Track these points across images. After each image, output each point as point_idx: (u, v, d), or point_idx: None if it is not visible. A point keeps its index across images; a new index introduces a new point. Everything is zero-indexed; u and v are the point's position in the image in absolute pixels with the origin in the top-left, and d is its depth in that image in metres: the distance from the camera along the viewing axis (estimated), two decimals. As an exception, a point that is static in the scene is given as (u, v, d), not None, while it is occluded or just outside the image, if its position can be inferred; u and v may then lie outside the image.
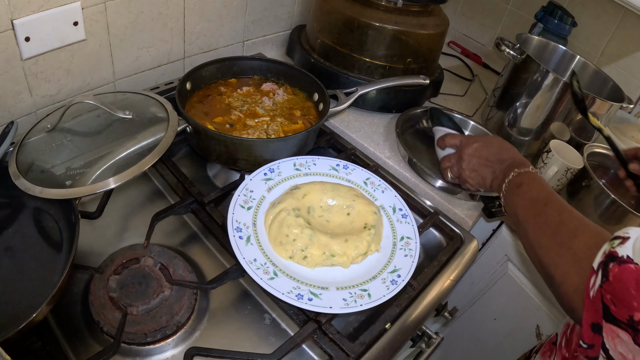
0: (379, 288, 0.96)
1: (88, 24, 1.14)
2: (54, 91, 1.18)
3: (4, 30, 1.00)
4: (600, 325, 0.62)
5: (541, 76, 1.35)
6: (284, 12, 1.68)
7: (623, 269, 0.60)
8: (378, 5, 1.41)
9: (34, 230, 0.98)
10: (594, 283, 0.64)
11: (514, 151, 1.05)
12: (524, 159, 1.01)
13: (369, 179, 1.18)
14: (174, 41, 1.38)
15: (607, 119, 1.38)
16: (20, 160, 0.97)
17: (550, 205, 0.85)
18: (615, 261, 0.62)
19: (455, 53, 2.09)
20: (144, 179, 1.22)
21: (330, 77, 1.48)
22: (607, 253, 0.64)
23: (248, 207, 1.05)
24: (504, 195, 0.97)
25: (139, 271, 0.97)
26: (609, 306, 0.61)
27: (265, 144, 1.16)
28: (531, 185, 0.92)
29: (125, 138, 1.03)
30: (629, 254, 0.61)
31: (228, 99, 1.29)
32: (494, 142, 1.08)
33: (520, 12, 1.95)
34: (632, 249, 0.62)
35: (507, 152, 1.04)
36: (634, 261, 0.60)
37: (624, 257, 0.61)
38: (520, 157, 1.02)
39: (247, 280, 1.05)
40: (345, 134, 1.43)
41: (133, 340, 0.88)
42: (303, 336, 0.90)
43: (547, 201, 0.86)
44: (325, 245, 0.99)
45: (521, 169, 0.95)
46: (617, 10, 1.66)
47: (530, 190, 0.91)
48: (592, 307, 0.64)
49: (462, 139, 1.14)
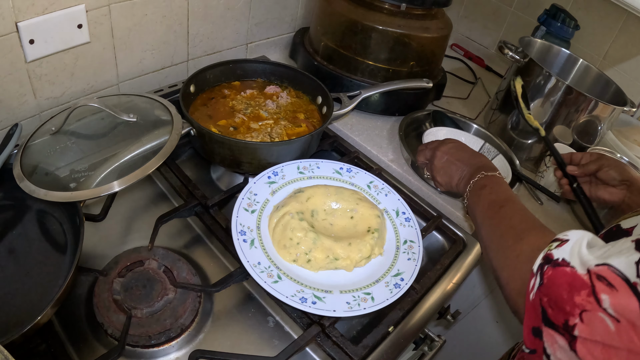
0: (383, 291, 0.96)
1: (92, 27, 1.14)
2: (58, 93, 1.18)
3: (8, 33, 1.00)
4: (540, 329, 0.61)
5: (544, 79, 1.36)
6: (287, 15, 1.68)
7: (557, 272, 0.60)
8: (381, 9, 1.41)
9: (38, 232, 0.98)
10: (533, 286, 0.63)
11: (486, 158, 1.05)
12: (493, 165, 1.02)
13: (372, 182, 1.18)
14: (177, 44, 1.38)
15: (609, 123, 1.38)
16: (25, 162, 0.97)
17: (505, 208, 0.85)
18: (550, 264, 0.62)
19: (458, 56, 2.09)
20: (148, 181, 1.22)
21: (334, 80, 1.49)
22: (544, 255, 0.64)
23: (252, 211, 1.05)
24: (467, 196, 0.97)
25: (143, 274, 0.97)
26: (547, 309, 0.60)
27: (269, 147, 1.16)
28: (493, 188, 0.92)
29: (130, 141, 1.03)
30: (565, 256, 0.61)
31: (232, 102, 1.29)
32: (467, 149, 1.09)
33: (523, 14, 1.95)
34: (570, 252, 0.61)
35: (478, 157, 1.04)
36: (570, 264, 0.60)
37: (559, 259, 0.61)
38: (490, 163, 1.02)
39: (250, 283, 1.05)
40: (348, 137, 1.43)
41: (137, 343, 0.88)
42: (307, 339, 0.91)
43: (504, 204, 0.86)
44: (328, 249, 0.99)
45: (488, 172, 0.96)
46: (619, 14, 1.66)
47: (491, 193, 0.91)
48: (532, 310, 0.63)
49: (441, 140, 1.14)
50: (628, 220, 0.77)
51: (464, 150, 1.08)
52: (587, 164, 1.11)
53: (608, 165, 1.08)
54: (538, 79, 1.37)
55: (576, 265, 0.59)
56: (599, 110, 1.33)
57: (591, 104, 1.31)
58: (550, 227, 0.80)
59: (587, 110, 1.33)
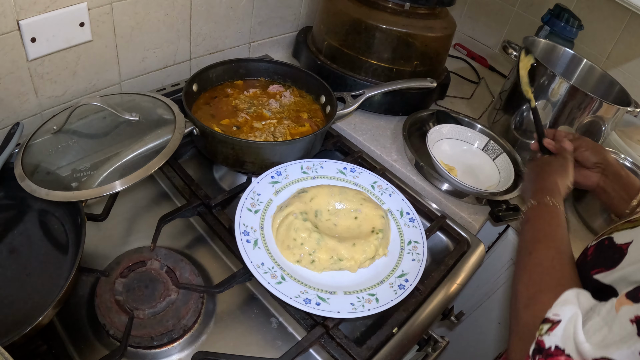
0: (387, 292, 0.96)
1: (94, 25, 1.13)
2: (60, 92, 1.17)
3: (10, 31, 1.00)
4: None
5: (548, 79, 1.35)
6: (291, 14, 1.67)
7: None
8: (385, 8, 1.41)
9: (40, 232, 0.97)
10: None
11: (554, 176, 0.97)
12: (552, 186, 0.94)
13: (376, 182, 1.18)
14: (180, 42, 1.37)
15: (613, 123, 1.38)
16: (26, 161, 0.97)
17: (533, 255, 0.79)
18: (542, 354, 0.58)
19: (462, 55, 2.08)
20: (150, 181, 1.22)
21: (337, 80, 1.48)
22: (536, 341, 0.60)
23: (255, 211, 1.05)
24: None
25: (145, 274, 0.97)
26: None
27: (273, 147, 1.15)
28: (534, 224, 0.86)
29: (132, 140, 1.03)
30: (558, 343, 0.57)
31: (235, 101, 1.29)
32: (556, 163, 1.03)
33: (526, 14, 1.94)
34: (562, 336, 0.58)
35: (548, 176, 0.98)
36: (564, 352, 0.56)
37: (551, 349, 0.58)
38: (549, 185, 0.95)
39: (254, 283, 1.04)
40: (352, 136, 1.43)
41: (139, 344, 0.88)
42: (310, 340, 0.90)
43: (534, 248, 0.80)
44: (332, 250, 0.98)
45: (537, 199, 0.90)
46: (623, 14, 1.65)
47: (529, 229, 0.86)
48: None
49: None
50: (622, 233, 0.73)
51: (549, 165, 1.02)
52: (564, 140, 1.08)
53: (585, 147, 1.06)
54: (542, 79, 1.36)
55: (572, 352, 0.56)
56: (603, 111, 1.32)
57: (595, 104, 1.31)
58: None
59: (591, 110, 1.32)
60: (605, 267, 0.69)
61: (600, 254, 0.74)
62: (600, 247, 0.75)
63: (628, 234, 0.71)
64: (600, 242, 0.76)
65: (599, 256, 0.74)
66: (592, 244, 0.79)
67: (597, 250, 0.76)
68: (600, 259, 0.73)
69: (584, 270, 0.74)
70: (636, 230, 0.71)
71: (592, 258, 0.76)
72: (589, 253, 0.78)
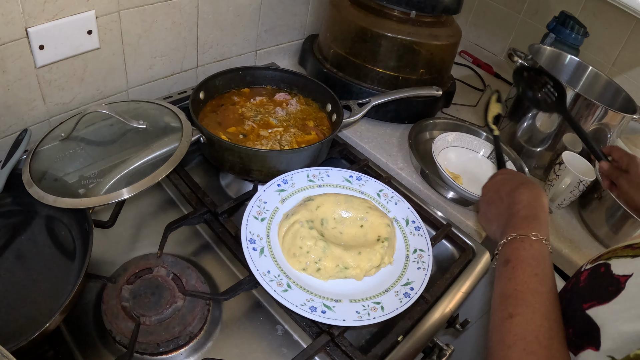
0: (392, 301, 0.96)
1: (102, 33, 1.14)
2: (68, 99, 1.18)
3: (18, 38, 1.01)
4: None
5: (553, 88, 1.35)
6: (297, 22, 1.68)
7: None
8: (391, 16, 1.41)
9: (47, 238, 0.98)
10: None
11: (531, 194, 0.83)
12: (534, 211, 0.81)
13: (382, 190, 1.18)
14: (187, 50, 1.38)
15: (619, 131, 1.38)
16: (34, 168, 0.98)
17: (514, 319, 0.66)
18: None
19: (467, 63, 2.09)
20: (157, 188, 1.22)
21: (343, 88, 1.48)
22: None
23: (262, 219, 1.05)
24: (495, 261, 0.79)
25: (152, 281, 0.97)
26: None
27: (279, 155, 1.16)
28: (515, 270, 0.71)
29: (139, 147, 1.04)
30: None
31: (241, 109, 1.29)
32: (516, 178, 0.90)
33: (532, 22, 1.94)
34: None
35: (521, 194, 0.84)
36: None
37: None
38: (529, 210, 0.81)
39: (259, 291, 1.04)
40: (358, 144, 1.43)
41: (146, 350, 0.88)
42: (316, 348, 0.90)
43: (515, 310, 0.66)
44: (338, 258, 0.99)
45: (519, 231, 0.76)
46: (628, 21, 1.65)
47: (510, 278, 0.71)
48: None
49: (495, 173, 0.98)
50: (621, 261, 0.64)
51: (508, 183, 0.89)
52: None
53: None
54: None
55: None
56: (609, 118, 1.32)
57: (600, 112, 1.31)
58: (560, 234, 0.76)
59: (596, 118, 1.32)
60: (598, 300, 0.61)
61: (594, 282, 0.66)
62: (595, 274, 0.67)
63: (628, 264, 0.62)
64: (596, 267, 0.67)
65: (592, 285, 0.66)
66: (587, 268, 0.70)
67: (591, 277, 0.67)
68: (594, 289, 0.65)
69: (575, 300, 0.66)
70: (637, 261, 0.62)
71: (585, 286, 0.68)
72: (582, 278, 0.69)
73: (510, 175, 0.92)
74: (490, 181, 0.94)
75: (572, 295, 0.69)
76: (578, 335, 0.62)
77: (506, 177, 0.92)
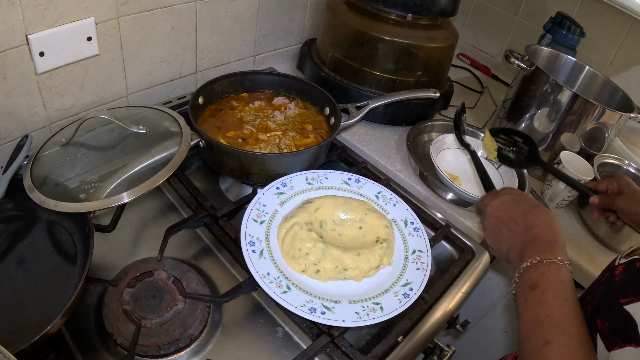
0: (392, 301, 0.96)
1: (101, 39, 1.15)
2: (68, 105, 1.19)
3: (18, 45, 1.01)
4: None
5: (551, 88, 1.35)
6: (295, 26, 1.69)
7: None
8: (388, 19, 1.42)
9: (48, 242, 0.99)
10: None
11: (547, 218, 0.82)
12: (555, 235, 0.79)
13: (380, 192, 1.18)
14: (186, 56, 1.39)
15: (617, 130, 1.38)
16: (35, 173, 0.98)
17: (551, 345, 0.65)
18: None
19: (465, 65, 2.10)
20: (157, 192, 1.23)
21: (341, 91, 1.49)
22: None
23: (261, 221, 1.06)
24: (515, 284, 0.77)
25: (152, 284, 0.98)
26: None
27: (278, 159, 1.16)
28: (545, 296, 0.70)
29: (139, 152, 1.04)
30: None
31: (240, 114, 1.30)
32: (526, 200, 0.88)
33: (529, 23, 1.95)
34: None
35: (537, 218, 0.82)
36: None
37: None
38: (550, 233, 0.80)
39: (259, 293, 1.05)
40: (356, 147, 1.44)
41: (146, 353, 0.88)
42: (316, 349, 0.90)
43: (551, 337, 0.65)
44: (337, 259, 0.99)
45: (544, 255, 0.75)
46: (625, 20, 1.66)
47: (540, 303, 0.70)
48: None
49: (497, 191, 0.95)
50: None
51: (518, 204, 0.87)
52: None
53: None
54: (545, 88, 1.36)
55: None
56: (606, 117, 1.32)
57: (598, 111, 1.31)
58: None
59: (594, 117, 1.32)
60: (637, 297, 0.62)
61: (631, 277, 0.66)
62: (630, 269, 0.67)
63: None
64: (631, 262, 0.68)
65: (629, 280, 0.66)
66: (621, 263, 0.70)
67: (626, 271, 0.67)
68: (631, 284, 0.65)
69: (611, 294, 0.67)
70: None
71: (620, 280, 0.67)
72: (616, 272, 0.69)
73: (519, 196, 0.90)
74: (497, 200, 0.91)
75: (608, 288, 0.69)
76: (614, 330, 0.63)
77: (515, 198, 0.89)
